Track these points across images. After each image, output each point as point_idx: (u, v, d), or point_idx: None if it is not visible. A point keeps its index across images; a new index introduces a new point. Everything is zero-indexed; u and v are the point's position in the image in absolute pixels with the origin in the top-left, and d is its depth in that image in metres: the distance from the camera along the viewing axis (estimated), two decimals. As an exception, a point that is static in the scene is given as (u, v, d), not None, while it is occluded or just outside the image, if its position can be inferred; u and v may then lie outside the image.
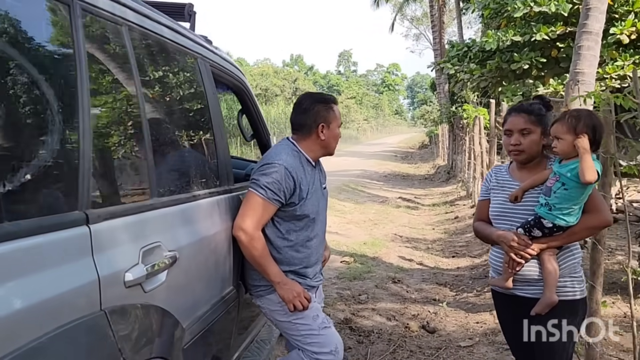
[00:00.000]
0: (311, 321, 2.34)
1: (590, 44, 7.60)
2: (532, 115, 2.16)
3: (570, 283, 2.15)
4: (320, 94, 2.52)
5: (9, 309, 1.06)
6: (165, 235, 1.68)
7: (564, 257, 2.16)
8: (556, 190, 2.06)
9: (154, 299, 1.57)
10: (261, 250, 2.21)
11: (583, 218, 2.10)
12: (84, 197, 1.32)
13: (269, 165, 2.24)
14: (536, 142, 2.16)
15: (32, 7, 1.28)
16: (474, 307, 4.72)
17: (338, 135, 2.43)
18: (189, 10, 2.49)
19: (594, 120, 2.06)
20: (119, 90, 1.61)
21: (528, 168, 2.24)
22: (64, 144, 1.31)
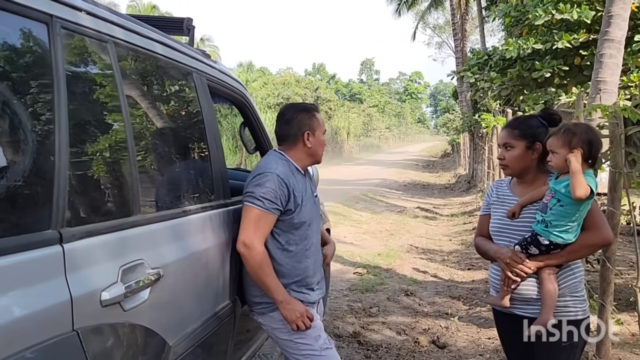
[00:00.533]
0: (313, 341, 2.31)
1: (612, 52, 7.44)
2: (515, 130, 2.14)
3: (572, 302, 2.08)
4: (302, 103, 2.54)
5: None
6: (148, 253, 1.67)
7: (564, 275, 2.08)
8: (552, 207, 1.99)
9: (135, 318, 1.55)
10: (265, 267, 2.20)
11: (582, 235, 2.03)
12: (58, 215, 1.31)
13: (261, 176, 2.23)
14: (518, 156, 2.12)
15: (8, 26, 1.29)
16: (486, 322, 4.60)
17: (323, 142, 2.44)
18: (188, 25, 2.50)
19: (590, 135, 2.00)
20: (101, 105, 1.61)
21: (527, 183, 2.18)
22: (38, 161, 1.31)
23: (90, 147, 1.53)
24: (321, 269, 2.51)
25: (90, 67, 1.58)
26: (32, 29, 1.35)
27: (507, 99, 14.63)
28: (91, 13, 1.57)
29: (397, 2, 28.67)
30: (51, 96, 1.34)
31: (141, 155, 1.74)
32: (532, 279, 2.08)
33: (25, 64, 1.36)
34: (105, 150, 1.59)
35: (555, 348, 2.08)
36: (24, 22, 1.32)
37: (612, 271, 2.57)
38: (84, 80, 1.54)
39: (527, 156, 2.11)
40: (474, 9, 26.29)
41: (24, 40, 1.34)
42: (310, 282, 2.39)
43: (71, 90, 1.42)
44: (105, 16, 1.64)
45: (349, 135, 37.70)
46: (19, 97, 1.30)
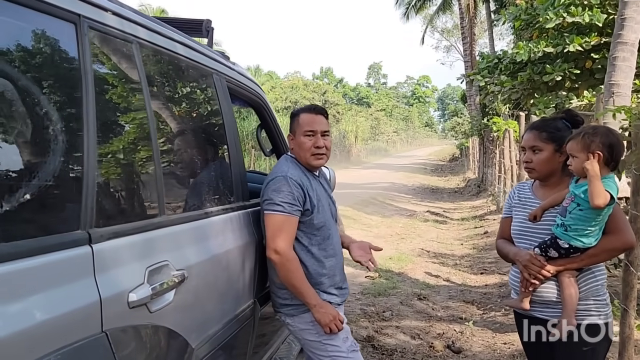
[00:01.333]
0: (341, 343, 2.31)
1: (625, 55, 7.38)
2: (543, 133, 2.11)
3: (594, 306, 2.05)
4: (307, 105, 2.51)
5: (6, 331, 1.04)
6: (173, 254, 1.66)
7: (584, 279, 2.05)
8: (571, 211, 1.97)
9: (160, 320, 1.54)
10: (297, 272, 2.21)
11: (603, 239, 2.00)
12: (86, 215, 1.30)
13: (275, 181, 2.24)
14: (546, 159, 2.09)
15: (37, 26, 1.29)
16: (501, 326, 4.56)
17: (302, 144, 2.31)
18: (207, 27, 2.50)
19: (610, 138, 1.96)
20: (127, 106, 1.61)
21: (550, 186, 2.16)
22: (68, 163, 1.31)
23: (116, 147, 1.52)
24: (343, 270, 2.49)
25: (116, 67, 1.58)
26: (60, 28, 1.34)
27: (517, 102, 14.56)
28: (117, 13, 1.57)
29: (406, 6, 28.65)
30: (79, 97, 1.34)
31: (165, 156, 1.73)
32: (551, 282, 2.06)
33: (54, 64, 1.35)
34: (130, 151, 1.58)
35: (577, 351, 2.05)
36: (53, 21, 1.32)
37: (636, 275, 2.53)
38: (110, 81, 1.54)
39: (555, 159, 2.09)
40: (482, 12, 26.21)
41: (52, 39, 1.34)
42: (336, 281, 2.39)
43: (98, 91, 1.42)
44: (130, 17, 1.64)
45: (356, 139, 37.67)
46: (48, 97, 1.30)
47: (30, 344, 1.10)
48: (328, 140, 2.38)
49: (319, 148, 2.32)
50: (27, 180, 1.19)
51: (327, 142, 2.36)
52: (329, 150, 2.37)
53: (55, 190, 1.27)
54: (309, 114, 2.35)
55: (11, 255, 1.09)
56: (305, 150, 2.32)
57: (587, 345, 2.03)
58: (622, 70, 7.39)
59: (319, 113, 2.36)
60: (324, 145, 2.34)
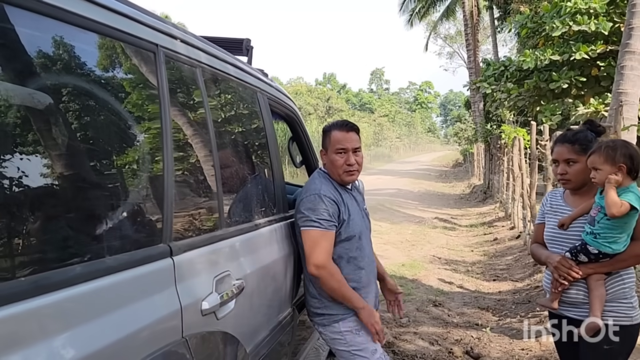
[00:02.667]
0: (369, 355, 2.37)
1: (633, 64, 7.49)
2: (575, 145, 2.21)
3: (619, 308, 2.16)
4: (338, 120, 2.53)
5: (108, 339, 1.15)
6: (233, 264, 1.77)
7: (612, 282, 2.17)
8: (599, 220, 2.09)
9: (225, 326, 1.65)
10: (341, 281, 2.29)
11: (631, 245, 2.11)
12: (167, 230, 1.42)
13: (310, 198, 2.31)
14: (582, 170, 2.20)
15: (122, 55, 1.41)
16: (518, 333, 4.64)
17: (335, 161, 2.36)
18: (247, 45, 2.62)
19: (630, 149, 2.10)
20: (195, 128, 1.72)
21: (580, 194, 2.27)
22: (151, 182, 1.42)
23: (188, 166, 1.64)
24: (375, 282, 2.57)
25: (185, 91, 1.69)
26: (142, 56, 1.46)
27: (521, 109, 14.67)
28: (184, 41, 1.68)
29: (410, 12, 28.84)
30: (160, 121, 1.45)
31: (223, 172, 1.85)
32: (580, 284, 2.18)
33: (136, 90, 1.47)
34: (198, 169, 1.70)
35: (597, 350, 2.15)
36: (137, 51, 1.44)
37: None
38: (182, 105, 1.66)
39: (588, 170, 2.19)
40: (485, 19, 26.40)
41: (136, 67, 1.46)
42: (364, 292, 2.45)
43: (174, 115, 1.53)
44: (193, 42, 1.76)
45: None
46: (135, 122, 1.41)
47: (127, 350, 1.21)
48: (359, 156, 2.42)
49: (351, 165, 2.37)
50: (121, 200, 1.31)
51: (358, 158, 2.40)
52: (360, 165, 2.42)
53: (143, 206, 1.38)
54: (340, 131, 2.39)
55: (110, 269, 1.20)
56: (338, 167, 2.37)
57: (612, 345, 2.14)
58: (630, 79, 7.49)
59: (350, 130, 2.40)
60: (355, 162, 2.38)
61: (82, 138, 1.27)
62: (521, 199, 8.69)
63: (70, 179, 1.18)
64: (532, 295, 5.54)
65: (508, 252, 7.95)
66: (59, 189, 1.14)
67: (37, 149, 1.10)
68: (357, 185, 2.65)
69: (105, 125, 1.32)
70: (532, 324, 4.68)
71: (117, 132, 1.35)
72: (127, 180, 1.36)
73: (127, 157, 1.37)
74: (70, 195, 1.17)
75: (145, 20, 1.45)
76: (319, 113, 38.85)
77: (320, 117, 38.16)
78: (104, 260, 1.18)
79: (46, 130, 1.15)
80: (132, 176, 1.38)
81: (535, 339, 4.33)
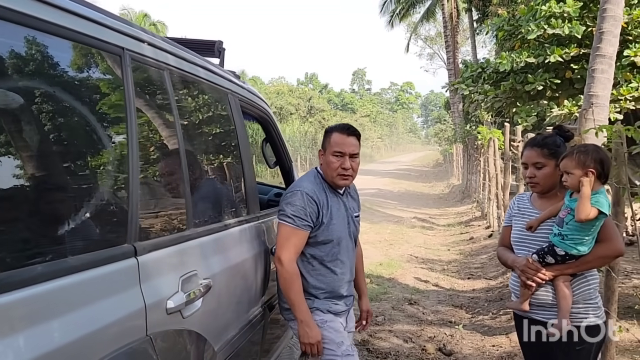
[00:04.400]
0: (335, 347, 2.41)
1: (604, 67, 7.68)
2: (544, 149, 2.27)
3: (585, 309, 2.23)
4: (341, 123, 2.56)
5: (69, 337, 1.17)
6: (200, 264, 1.80)
7: (578, 284, 2.24)
8: (568, 222, 2.15)
9: (191, 325, 1.68)
10: (291, 284, 2.30)
11: (596, 247, 2.18)
12: (132, 230, 1.44)
13: (291, 194, 2.36)
14: (550, 174, 2.26)
15: (88, 59, 1.43)
16: (490, 330, 4.75)
17: (331, 163, 2.35)
18: (219, 47, 2.64)
19: (600, 154, 2.16)
20: (162, 129, 1.75)
21: (547, 197, 2.34)
22: (115, 182, 1.45)
23: (153, 167, 1.67)
24: (350, 286, 2.57)
25: (152, 94, 1.72)
26: (108, 59, 1.49)
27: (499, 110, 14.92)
28: (151, 44, 1.71)
29: (390, 14, 29.04)
30: (125, 123, 1.48)
31: (191, 173, 1.87)
32: (548, 286, 2.24)
33: (103, 92, 1.49)
34: (164, 169, 1.72)
35: (570, 352, 2.22)
36: (102, 54, 1.46)
37: (616, 280, 2.73)
38: (148, 107, 1.68)
39: (556, 174, 2.25)
40: (465, 21, 26.74)
41: (101, 70, 1.48)
42: (336, 294, 2.48)
43: (140, 117, 1.56)
44: (161, 45, 1.78)
45: (341, 144, 37.77)
46: (100, 124, 1.43)
47: (89, 349, 1.23)
48: (356, 161, 2.41)
49: (345, 170, 2.36)
50: (84, 200, 1.33)
51: (354, 164, 2.39)
52: (355, 171, 2.42)
53: (107, 207, 1.40)
54: (340, 134, 2.38)
55: (72, 269, 1.22)
56: (332, 170, 2.37)
57: (582, 345, 2.21)
58: (600, 81, 7.68)
59: (351, 134, 2.39)
60: (350, 167, 2.37)
61: (46, 139, 1.29)
62: (496, 198, 8.85)
63: (32, 180, 1.20)
64: (504, 293, 5.66)
65: (483, 251, 8.10)
66: (20, 189, 1.17)
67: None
68: (350, 191, 2.59)
69: (69, 127, 1.35)
70: (504, 321, 4.80)
71: (81, 134, 1.37)
72: (90, 182, 1.39)
73: (90, 159, 1.39)
74: (31, 196, 1.19)
75: (110, 24, 1.47)
76: (301, 113, 38.87)
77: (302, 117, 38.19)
78: (64, 260, 1.20)
79: (9, 132, 1.17)
80: (96, 178, 1.40)
81: (506, 335, 4.44)
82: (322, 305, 2.44)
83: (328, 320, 2.42)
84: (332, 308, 2.46)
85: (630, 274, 5.61)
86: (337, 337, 2.42)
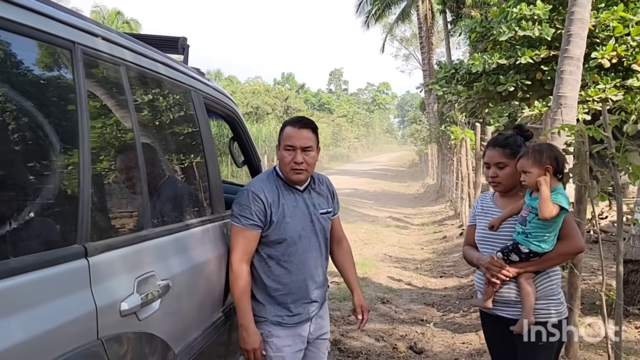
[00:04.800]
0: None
1: (572, 69, 7.85)
2: (506, 149, 2.31)
3: (548, 305, 2.26)
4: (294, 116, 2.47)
5: (12, 341, 1.13)
6: (158, 265, 1.76)
7: (541, 280, 2.27)
8: (531, 220, 2.19)
9: (147, 327, 1.64)
10: (235, 286, 2.23)
11: (557, 244, 2.22)
12: (82, 230, 1.40)
13: (240, 193, 2.29)
14: (512, 174, 2.29)
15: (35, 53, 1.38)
16: (460, 327, 4.80)
17: (283, 157, 2.28)
18: (183, 44, 2.59)
19: (554, 151, 2.22)
20: (116, 127, 1.70)
21: (509, 196, 2.37)
22: (65, 180, 1.40)
23: (107, 164, 1.62)
24: (317, 290, 2.42)
25: (106, 90, 1.67)
26: (57, 54, 1.44)
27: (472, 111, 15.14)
28: (106, 38, 1.66)
29: (366, 14, 29.18)
30: (75, 119, 1.43)
31: (150, 171, 1.83)
32: (512, 283, 2.27)
33: (52, 88, 1.44)
34: (119, 167, 1.68)
35: (535, 348, 2.26)
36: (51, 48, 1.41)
37: (579, 277, 2.78)
38: (102, 103, 1.63)
39: (517, 173, 2.28)
40: (439, 22, 27.03)
41: (50, 65, 1.43)
42: (291, 299, 2.33)
43: (92, 113, 1.51)
44: (117, 40, 1.74)
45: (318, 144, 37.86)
46: (47, 120, 1.38)
47: (34, 353, 1.19)
48: (310, 155, 2.29)
49: (297, 164, 2.26)
50: (30, 199, 1.28)
51: (308, 158, 2.28)
52: (310, 165, 2.30)
53: (55, 207, 1.35)
54: (292, 127, 2.28)
55: (15, 270, 1.18)
56: (285, 165, 2.28)
57: (544, 341, 2.24)
58: (569, 83, 7.85)
59: (303, 127, 2.29)
60: (303, 161, 2.26)
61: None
62: (468, 197, 8.96)
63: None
64: (475, 291, 5.71)
65: (455, 250, 8.18)
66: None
67: None
68: (316, 187, 2.45)
69: (15, 124, 1.29)
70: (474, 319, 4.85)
71: (27, 131, 1.32)
72: (37, 180, 1.34)
73: (37, 156, 1.34)
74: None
75: (59, 16, 1.42)
76: (277, 113, 38.74)
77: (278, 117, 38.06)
78: (6, 261, 1.15)
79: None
80: (43, 176, 1.35)
81: (475, 333, 4.49)
82: (273, 317, 2.31)
83: (274, 335, 2.31)
84: (285, 320, 2.33)
85: (596, 271, 5.74)
86: (275, 356, 2.31)
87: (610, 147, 2.46)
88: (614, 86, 10.75)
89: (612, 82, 10.80)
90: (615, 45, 10.86)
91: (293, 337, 2.36)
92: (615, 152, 2.43)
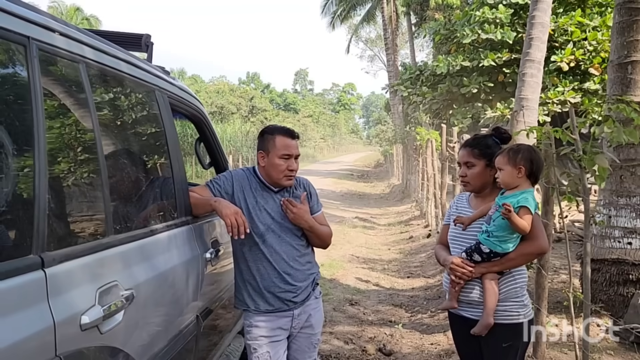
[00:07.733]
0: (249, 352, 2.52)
1: (533, 72, 8.04)
2: (475, 149, 2.33)
3: (511, 307, 2.27)
4: (281, 126, 2.58)
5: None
6: (122, 274, 1.66)
7: (505, 281, 2.28)
8: (495, 219, 2.20)
9: (110, 341, 1.54)
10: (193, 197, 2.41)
11: (520, 245, 2.23)
12: (38, 239, 1.30)
13: None
14: (479, 174, 2.31)
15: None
16: (428, 328, 4.82)
17: (278, 165, 2.43)
18: (146, 41, 2.49)
19: (532, 154, 2.23)
20: (76, 127, 1.60)
21: (482, 197, 2.38)
22: (18, 186, 1.29)
23: (65, 168, 1.51)
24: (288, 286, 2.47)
25: (64, 88, 1.57)
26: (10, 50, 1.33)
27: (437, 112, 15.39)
28: (64, 34, 1.56)
29: (331, 15, 29.28)
30: (30, 119, 1.33)
31: (111, 175, 1.73)
32: (476, 284, 2.27)
33: (5, 86, 1.33)
34: (78, 171, 1.57)
35: (499, 349, 2.26)
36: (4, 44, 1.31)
37: (546, 278, 2.82)
38: (59, 102, 1.53)
39: (486, 173, 2.30)
40: (404, 24, 27.38)
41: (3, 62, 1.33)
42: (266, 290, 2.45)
43: (48, 113, 1.41)
44: (76, 36, 1.63)
45: (284, 145, 37.62)
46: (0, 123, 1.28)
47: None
48: (297, 162, 2.52)
49: (292, 170, 2.47)
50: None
51: (295, 165, 2.51)
52: (296, 171, 2.54)
53: (6, 214, 1.25)
54: (286, 138, 2.46)
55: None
56: (279, 172, 2.44)
57: (508, 342, 2.25)
58: (530, 85, 8.05)
59: (295, 138, 2.52)
60: (295, 168, 2.50)
61: None
62: (434, 198, 9.07)
63: None
64: (442, 291, 5.77)
65: (422, 250, 8.26)
66: None
67: None
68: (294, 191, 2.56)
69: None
70: (442, 319, 4.88)
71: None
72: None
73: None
74: None
75: (12, 10, 1.32)
76: (242, 112, 38.38)
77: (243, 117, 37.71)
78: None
79: None
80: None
81: (444, 333, 4.52)
82: (252, 304, 2.46)
83: (253, 325, 2.47)
84: (262, 308, 2.45)
85: (558, 270, 5.88)
86: (254, 342, 2.47)
87: (578, 149, 2.50)
88: (572, 89, 11.11)
89: (570, 85, 11.17)
90: (574, 49, 11.25)
91: (274, 329, 2.48)
92: (582, 154, 2.47)
